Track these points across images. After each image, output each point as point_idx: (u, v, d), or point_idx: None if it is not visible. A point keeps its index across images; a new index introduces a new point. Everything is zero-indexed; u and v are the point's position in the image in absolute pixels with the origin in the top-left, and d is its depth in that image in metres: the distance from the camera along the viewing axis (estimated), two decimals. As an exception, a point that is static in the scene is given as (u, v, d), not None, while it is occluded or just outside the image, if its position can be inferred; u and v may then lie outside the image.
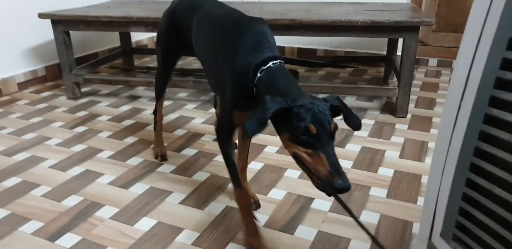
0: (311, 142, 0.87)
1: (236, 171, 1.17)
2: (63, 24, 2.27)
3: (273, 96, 0.92)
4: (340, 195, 0.89)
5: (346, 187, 0.83)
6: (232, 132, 1.17)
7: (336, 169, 0.84)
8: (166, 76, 1.59)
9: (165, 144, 1.82)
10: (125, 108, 2.29)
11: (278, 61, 1.04)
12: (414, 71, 2.25)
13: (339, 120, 0.95)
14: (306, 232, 1.25)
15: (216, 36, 1.17)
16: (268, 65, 1.02)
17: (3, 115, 2.20)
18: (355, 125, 0.98)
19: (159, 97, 1.65)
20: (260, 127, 0.90)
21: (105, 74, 2.80)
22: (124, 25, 2.20)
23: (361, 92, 2.15)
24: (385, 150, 1.76)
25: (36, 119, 2.13)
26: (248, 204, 1.22)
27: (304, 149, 0.88)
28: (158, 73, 1.62)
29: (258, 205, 1.36)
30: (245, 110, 1.05)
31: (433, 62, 3.05)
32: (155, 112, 1.69)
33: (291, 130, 0.89)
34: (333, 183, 0.83)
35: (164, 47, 1.53)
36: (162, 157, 1.69)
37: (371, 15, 2.03)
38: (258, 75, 1.03)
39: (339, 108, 0.96)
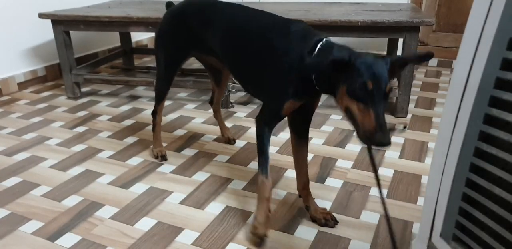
0: (365, 97, 0.92)
1: (267, 160, 1.22)
2: (63, 24, 2.27)
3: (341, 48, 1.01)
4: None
5: (385, 142, 0.89)
6: (276, 124, 1.21)
7: (381, 126, 0.89)
8: (169, 81, 1.57)
9: (165, 144, 1.83)
10: (125, 108, 2.29)
11: (325, 40, 1.07)
12: (414, 71, 2.25)
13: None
14: (306, 232, 1.25)
15: (254, 41, 1.19)
16: (317, 49, 1.05)
17: (3, 115, 2.20)
18: (424, 58, 1.01)
19: (160, 101, 1.64)
20: (317, 67, 1.00)
21: (105, 74, 2.80)
22: (124, 25, 2.20)
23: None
24: (385, 150, 1.76)
25: (36, 119, 2.13)
26: (268, 195, 1.21)
27: (357, 103, 0.93)
28: (159, 77, 1.58)
29: (335, 221, 1.29)
30: (299, 99, 1.13)
31: (433, 62, 3.05)
32: (154, 114, 1.68)
33: (350, 82, 0.94)
34: (375, 137, 0.89)
35: (169, 52, 1.49)
36: (162, 157, 1.69)
37: (371, 15, 2.03)
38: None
39: (399, 64, 0.99)
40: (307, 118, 1.26)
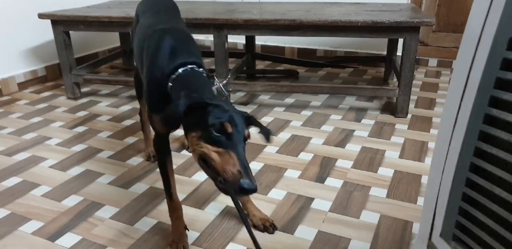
0: (224, 141, 0.86)
1: (169, 183, 1.16)
2: (63, 24, 2.27)
3: (189, 93, 0.93)
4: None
5: (252, 188, 0.82)
6: (162, 141, 1.16)
7: (245, 169, 0.83)
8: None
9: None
10: (125, 108, 2.29)
11: (189, 67, 1.04)
12: (414, 71, 2.24)
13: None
14: (306, 232, 1.25)
15: (142, 45, 1.19)
16: (177, 73, 1.03)
17: (3, 115, 2.20)
18: (267, 136, 1.01)
19: (140, 98, 1.64)
20: (175, 122, 0.91)
21: (105, 74, 2.80)
22: (124, 25, 2.19)
23: (361, 92, 2.15)
24: (385, 150, 1.76)
25: (36, 119, 2.13)
26: (180, 214, 1.19)
27: (215, 148, 0.86)
28: (136, 73, 1.59)
29: (274, 227, 1.26)
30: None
31: (433, 62, 3.05)
32: (140, 114, 1.68)
33: (204, 127, 0.88)
34: (240, 182, 0.81)
35: (135, 47, 1.52)
36: (154, 158, 1.68)
37: (371, 15, 2.03)
38: (170, 84, 1.04)
39: (251, 121, 0.97)
40: None
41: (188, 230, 1.23)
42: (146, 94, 1.12)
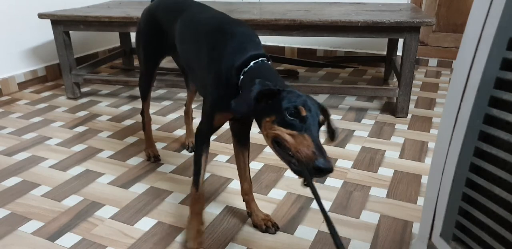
0: (298, 124, 0.85)
1: (200, 172, 1.16)
2: (63, 24, 2.27)
3: (263, 80, 0.92)
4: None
5: (328, 167, 0.79)
6: (211, 134, 1.16)
7: (320, 150, 0.81)
8: (150, 77, 1.56)
9: (165, 144, 1.83)
10: (125, 108, 2.29)
11: (260, 59, 1.02)
12: (414, 71, 2.24)
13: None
14: (306, 232, 1.25)
15: (201, 40, 1.15)
16: (249, 66, 1.01)
17: (3, 115, 2.20)
18: (333, 133, 0.99)
19: (145, 98, 1.63)
20: (246, 107, 0.89)
21: (105, 74, 2.80)
22: (124, 25, 2.20)
23: (361, 92, 2.15)
24: (385, 150, 1.76)
25: (36, 119, 2.13)
26: (201, 209, 1.19)
27: (289, 131, 0.86)
28: (141, 74, 1.58)
29: (276, 228, 1.26)
30: (228, 111, 1.04)
31: (433, 62, 3.05)
32: (142, 114, 1.68)
33: (278, 111, 0.88)
34: (315, 163, 0.79)
35: (146, 48, 1.49)
36: (154, 158, 1.68)
37: (371, 15, 2.03)
38: (241, 77, 1.02)
39: (324, 112, 0.95)
40: (246, 125, 1.22)
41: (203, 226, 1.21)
42: (212, 89, 1.08)
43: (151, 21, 1.44)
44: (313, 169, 0.79)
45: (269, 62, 1.06)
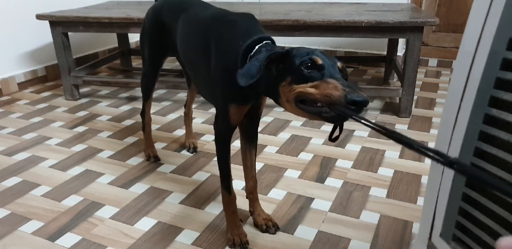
0: (316, 74, 0.81)
1: (229, 175, 1.18)
2: (61, 25, 2.25)
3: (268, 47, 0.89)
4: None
5: (364, 98, 0.72)
6: (230, 135, 1.14)
7: (349, 87, 0.76)
8: (153, 77, 1.55)
9: (165, 144, 1.83)
10: (125, 108, 2.29)
11: (265, 42, 1.00)
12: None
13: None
14: (306, 232, 1.25)
15: (203, 34, 1.14)
16: (254, 50, 0.98)
17: (3, 115, 2.20)
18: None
19: (147, 99, 1.62)
20: (252, 76, 0.86)
21: (104, 76, 2.80)
22: (124, 26, 2.19)
23: (364, 92, 2.14)
24: (385, 150, 1.76)
25: (36, 119, 2.13)
26: (235, 209, 1.21)
27: (310, 84, 0.80)
28: (144, 74, 1.57)
29: (276, 228, 1.26)
30: (241, 103, 1.04)
31: (433, 62, 3.05)
32: (142, 114, 1.68)
33: (293, 70, 0.84)
34: (347, 97, 0.73)
35: (150, 47, 1.49)
36: (154, 158, 1.68)
37: (374, 15, 2.03)
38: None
39: (343, 70, 0.88)
40: (254, 122, 1.21)
41: (243, 222, 1.24)
42: (221, 81, 1.04)
43: (155, 21, 1.44)
44: (348, 104, 0.73)
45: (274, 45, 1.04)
